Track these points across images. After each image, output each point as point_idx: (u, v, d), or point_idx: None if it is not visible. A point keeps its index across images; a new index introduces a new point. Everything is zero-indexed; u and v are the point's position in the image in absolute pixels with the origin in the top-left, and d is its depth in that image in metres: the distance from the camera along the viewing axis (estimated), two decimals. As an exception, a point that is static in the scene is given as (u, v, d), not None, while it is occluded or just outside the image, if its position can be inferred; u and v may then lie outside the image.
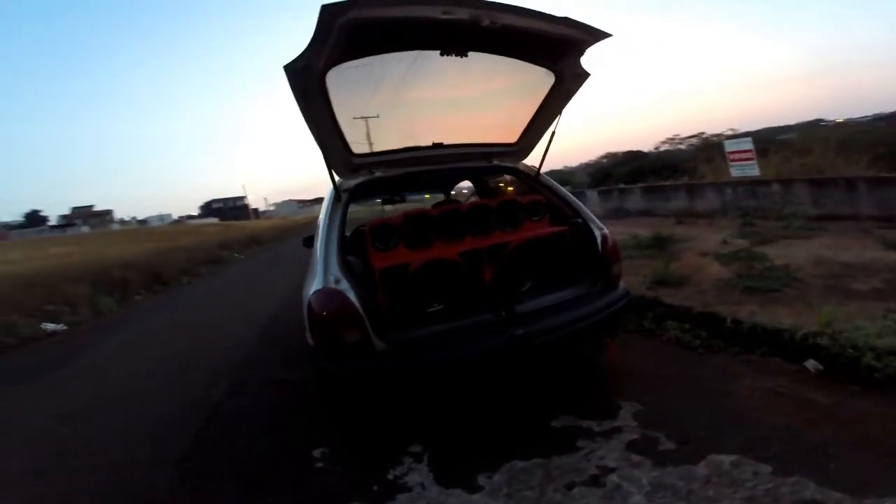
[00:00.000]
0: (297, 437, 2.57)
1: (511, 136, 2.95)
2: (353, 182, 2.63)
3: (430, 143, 2.75)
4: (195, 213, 76.69)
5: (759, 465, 1.76)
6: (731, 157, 8.27)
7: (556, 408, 2.44)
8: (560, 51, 2.27)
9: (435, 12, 1.75)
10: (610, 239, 2.66)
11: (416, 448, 2.26)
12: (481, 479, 1.95)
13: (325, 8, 1.61)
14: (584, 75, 2.44)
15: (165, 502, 2.15)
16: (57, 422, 3.17)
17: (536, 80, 2.53)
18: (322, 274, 2.15)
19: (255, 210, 71.91)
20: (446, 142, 2.79)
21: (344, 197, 2.53)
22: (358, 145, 2.59)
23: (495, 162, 3.01)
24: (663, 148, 18.77)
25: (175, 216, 71.51)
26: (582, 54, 2.30)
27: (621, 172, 16.63)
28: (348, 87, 2.19)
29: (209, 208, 73.83)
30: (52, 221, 58.92)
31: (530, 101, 2.68)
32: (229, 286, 9.93)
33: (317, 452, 2.37)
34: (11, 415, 3.45)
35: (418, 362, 2.11)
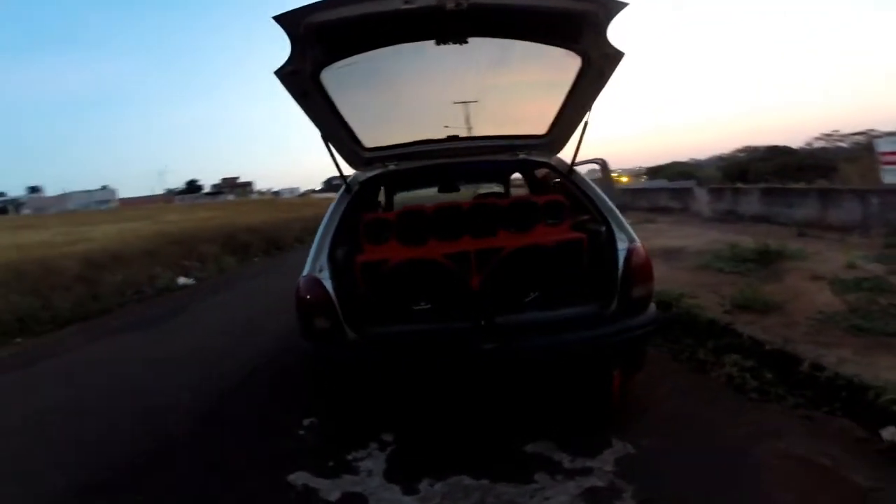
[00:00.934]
0: (302, 404, 2.80)
1: (539, 127, 2.72)
2: (364, 175, 2.70)
3: (444, 136, 2.69)
4: (318, 187, 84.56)
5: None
6: (885, 158, 6.50)
7: (542, 431, 2.27)
8: (574, 28, 1.98)
9: (396, 4, 1.67)
10: (638, 254, 2.28)
11: (387, 437, 2.34)
12: (423, 485, 1.94)
13: (277, 19, 1.65)
14: (617, 55, 2.08)
15: (179, 439, 2.56)
16: (142, 366, 3.87)
17: (560, 64, 2.24)
18: (311, 261, 2.30)
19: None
20: (463, 134, 2.70)
21: (354, 190, 2.61)
22: (369, 139, 2.64)
23: (521, 156, 2.82)
24: (818, 145, 15.68)
25: (302, 189, 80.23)
26: (603, 30, 1.96)
27: (761, 169, 14.42)
28: (348, 83, 2.22)
29: (330, 184, 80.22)
30: (206, 189, 70.61)
31: (557, 87, 2.41)
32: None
33: (307, 421, 2.59)
34: (113, 357, 4.27)
35: (380, 359, 2.15)
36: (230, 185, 71.49)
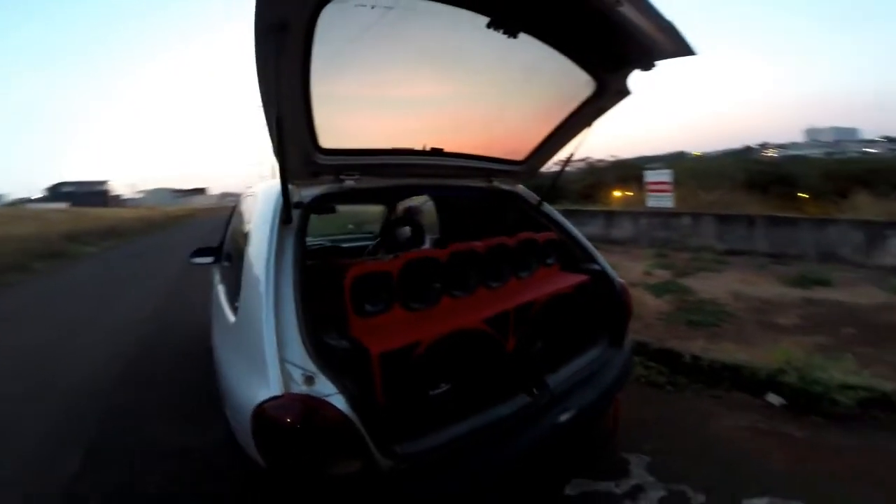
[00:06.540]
0: None
1: (520, 150, 2.43)
2: (311, 193, 1.81)
3: (427, 147, 2.07)
4: (40, 195, 66.87)
5: None
6: (650, 187, 8.73)
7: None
8: (628, 58, 1.81)
9: None
10: (625, 287, 2.30)
11: None
12: None
13: None
14: (626, 94, 2.00)
15: None
16: None
17: (573, 87, 2.03)
18: (273, 365, 1.29)
19: (117, 197, 63.27)
20: (448, 148, 2.14)
21: (296, 216, 1.65)
22: (328, 136, 1.73)
23: (495, 183, 2.46)
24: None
25: (13, 197, 60.28)
26: (647, 68, 1.82)
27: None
28: (344, 36, 1.43)
29: (58, 192, 64.66)
30: None
31: (557, 110, 2.19)
32: (70, 289, 7.60)
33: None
34: None
35: (443, 483, 1.44)
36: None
